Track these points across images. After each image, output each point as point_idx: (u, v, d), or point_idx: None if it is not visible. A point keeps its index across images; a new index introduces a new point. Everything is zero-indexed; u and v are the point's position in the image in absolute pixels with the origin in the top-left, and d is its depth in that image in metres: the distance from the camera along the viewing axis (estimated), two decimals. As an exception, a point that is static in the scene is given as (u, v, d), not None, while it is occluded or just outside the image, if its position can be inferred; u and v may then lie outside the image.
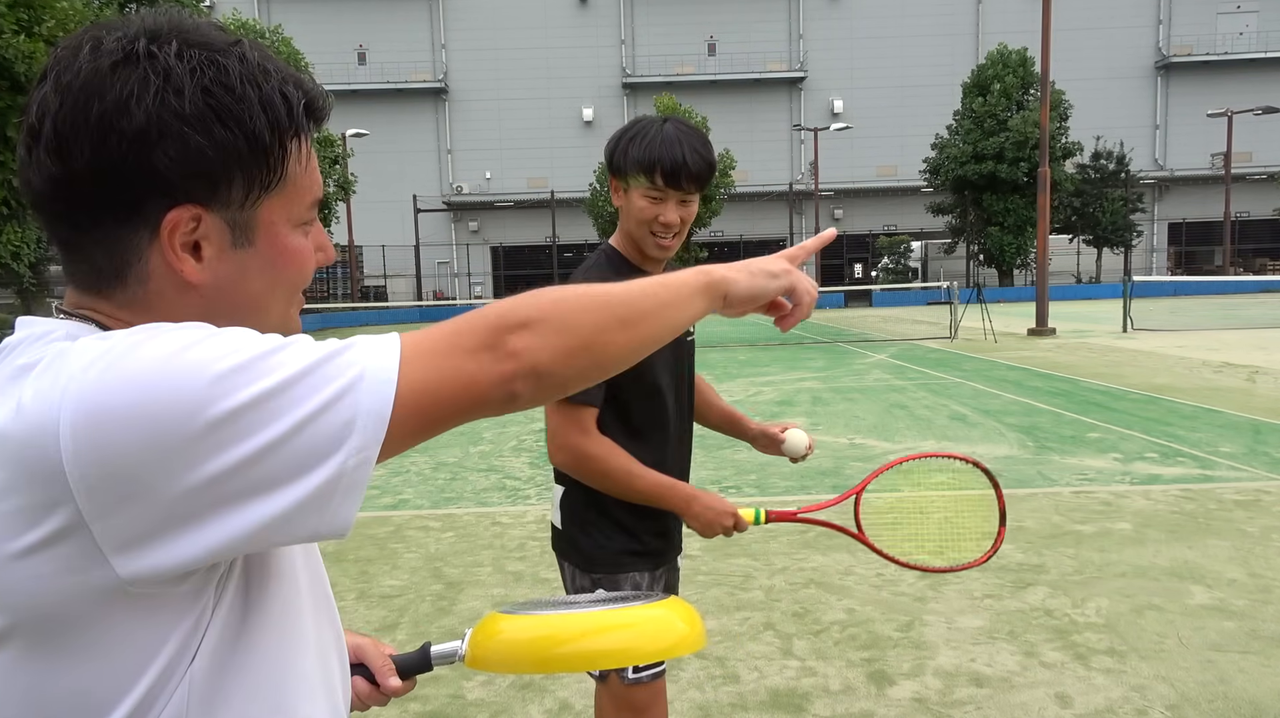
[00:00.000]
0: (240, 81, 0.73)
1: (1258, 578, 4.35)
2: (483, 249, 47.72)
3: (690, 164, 1.84)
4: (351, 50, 46.18)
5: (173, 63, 0.71)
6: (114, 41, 0.72)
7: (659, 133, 1.85)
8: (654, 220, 1.89)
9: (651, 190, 1.87)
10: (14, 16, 13.43)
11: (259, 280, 0.79)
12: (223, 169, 0.73)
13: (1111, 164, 42.10)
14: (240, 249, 0.77)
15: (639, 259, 2.00)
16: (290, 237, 0.80)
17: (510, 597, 4.37)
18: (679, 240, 1.95)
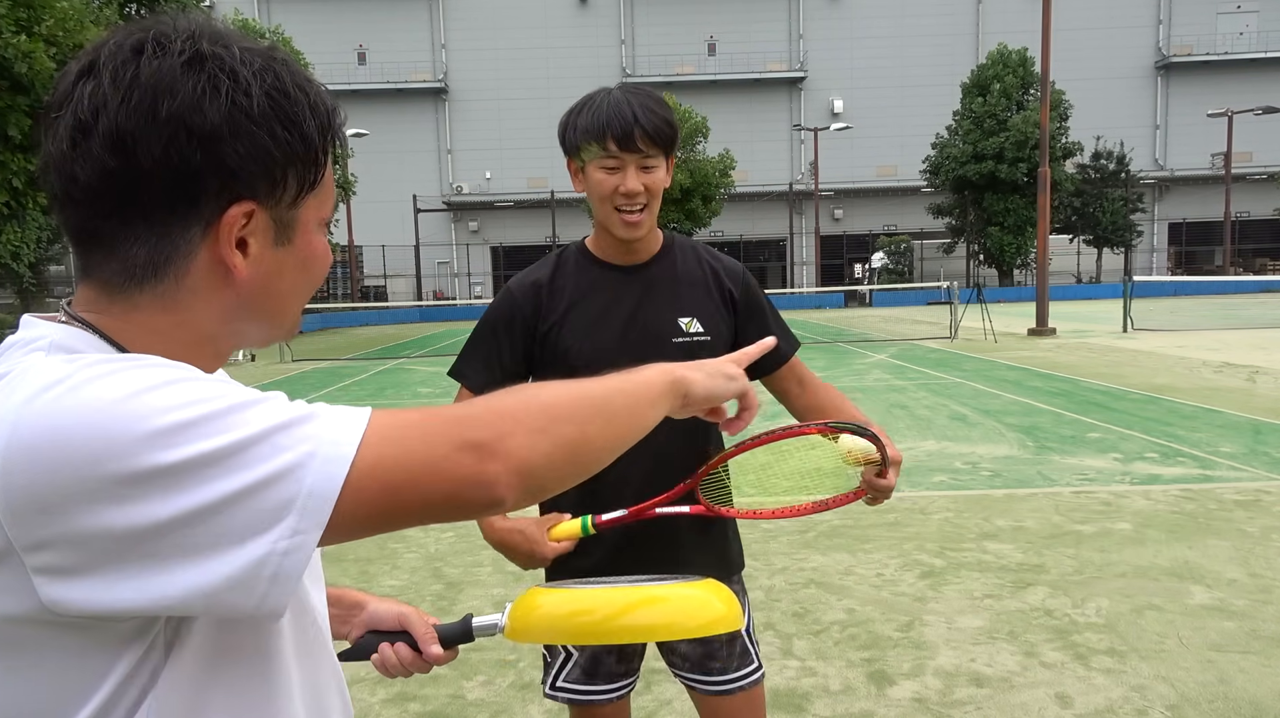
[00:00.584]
0: (293, 87, 0.77)
1: (1258, 578, 4.35)
2: (483, 249, 47.72)
3: (643, 121, 1.67)
4: (351, 50, 46.19)
5: (238, 66, 0.74)
6: (180, 42, 0.74)
7: (606, 99, 1.72)
8: (614, 192, 1.70)
9: (606, 159, 1.69)
10: (14, 16, 13.42)
11: (290, 279, 0.82)
12: (281, 169, 0.76)
13: (1111, 164, 42.12)
14: (280, 247, 0.80)
15: (611, 252, 1.83)
16: (318, 236, 0.83)
17: (510, 597, 4.37)
18: (650, 216, 1.75)
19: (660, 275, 1.83)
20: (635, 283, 1.82)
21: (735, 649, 1.88)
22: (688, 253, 1.88)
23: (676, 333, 1.79)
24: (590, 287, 1.81)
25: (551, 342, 1.80)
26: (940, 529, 5.32)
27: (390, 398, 12.18)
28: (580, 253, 1.87)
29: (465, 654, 3.73)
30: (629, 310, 1.79)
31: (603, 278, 1.82)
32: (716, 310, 1.84)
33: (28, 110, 13.92)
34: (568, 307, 1.80)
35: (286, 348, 19.64)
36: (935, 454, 7.43)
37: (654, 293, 1.81)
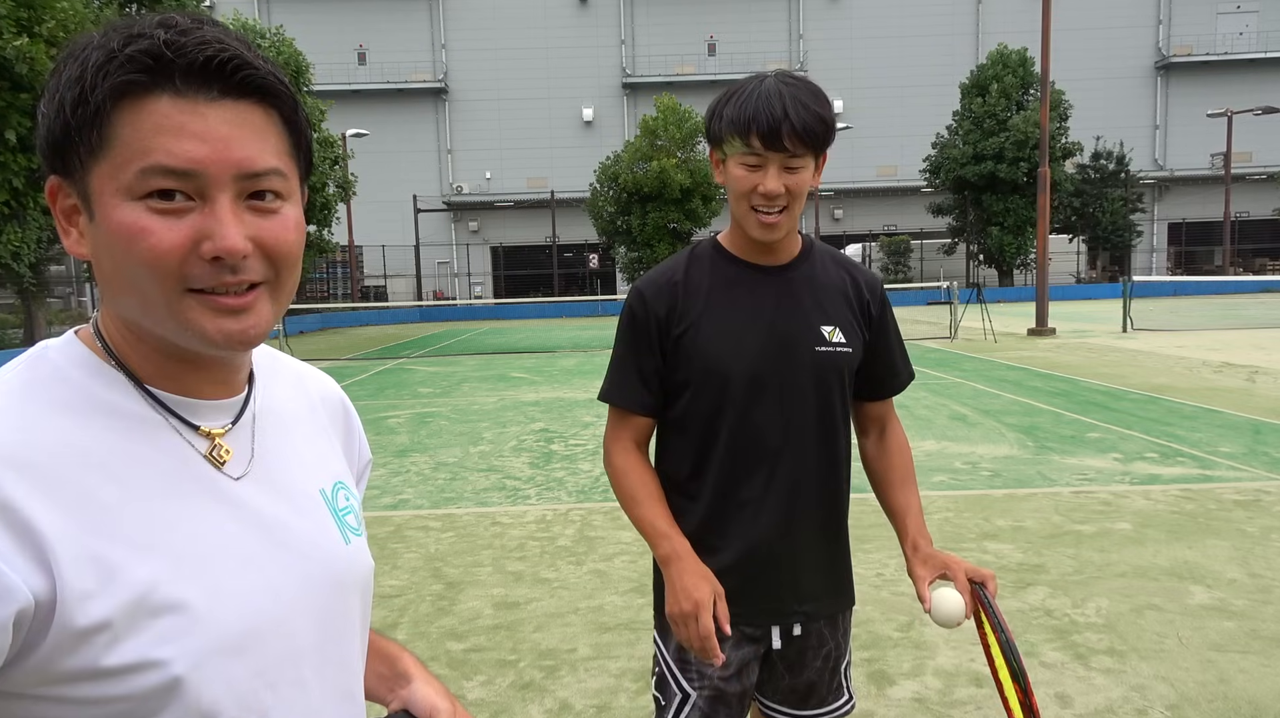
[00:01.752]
0: (84, 47, 0.72)
1: (1258, 578, 4.35)
2: (483, 249, 47.72)
3: (794, 118, 1.51)
4: (351, 50, 46.18)
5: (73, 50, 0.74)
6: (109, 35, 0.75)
7: (757, 88, 1.56)
8: (753, 192, 1.56)
9: (748, 156, 1.55)
10: (15, 17, 13.42)
11: (106, 258, 0.74)
12: (50, 137, 0.73)
13: (1111, 164, 42.12)
14: (92, 223, 0.74)
15: (748, 251, 1.69)
16: (119, 209, 0.71)
17: (510, 597, 4.37)
18: (790, 218, 1.60)
19: (801, 278, 1.70)
20: (776, 285, 1.68)
21: (833, 686, 1.82)
22: (828, 258, 1.76)
23: (820, 341, 1.67)
24: (727, 286, 1.68)
25: (686, 344, 1.66)
26: (940, 529, 5.32)
27: (390, 398, 12.19)
28: (715, 249, 1.73)
29: (465, 655, 3.73)
30: (769, 314, 1.66)
31: (740, 277, 1.69)
32: (855, 321, 1.72)
33: (28, 110, 13.91)
34: (704, 307, 1.66)
35: (287, 348, 19.63)
36: (935, 454, 7.43)
37: (796, 297, 1.68)
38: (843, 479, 1.76)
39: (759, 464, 1.66)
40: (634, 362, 1.69)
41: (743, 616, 1.66)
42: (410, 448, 8.38)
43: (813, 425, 1.68)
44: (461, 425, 9.45)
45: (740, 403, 1.64)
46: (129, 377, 0.78)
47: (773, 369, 1.65)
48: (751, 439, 1.65)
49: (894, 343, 1.80)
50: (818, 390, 1.67)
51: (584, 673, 3.52)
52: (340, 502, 0.91)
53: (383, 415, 10.36)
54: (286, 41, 26.94)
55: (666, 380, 1.70)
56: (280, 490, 0.85)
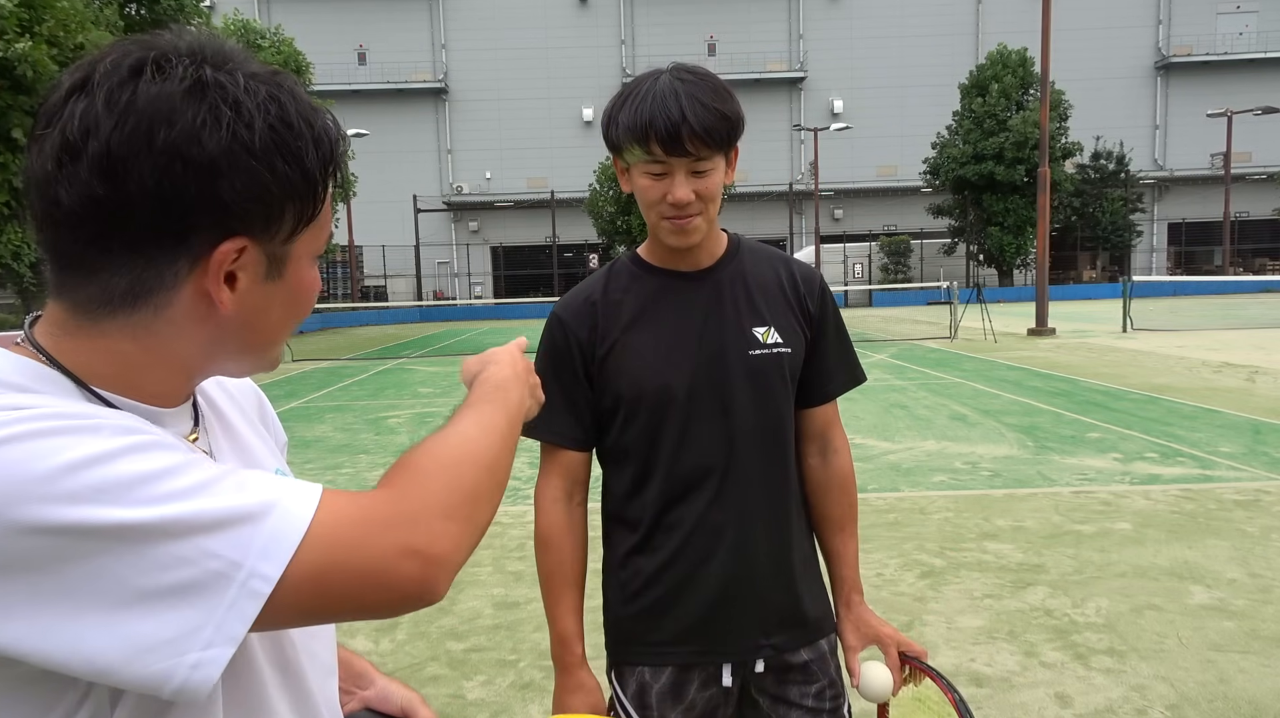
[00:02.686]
0: (298, 119, 0.74)
1: (1258, 578, 4.35)
2: (483, 249, 47.72)
3: (692, 119, 1.38)
4: (351, 50, 46.18)
5: (241, 96, 0.71)
6: (182, 67, 0.71)
7: (651, 88, 1.42)
8: (661, 201, 1.45)
9: (651, 164, 1.43)
10: (16, 18, 13.43)
11: (279, 312, 0.80)
12: (279, 204, 0.74)
13: (1111, 164, 42.13)
14: (271, 281, 0.77)
15: (668, 259, 1.58)
16: (310, 269, 0.81)
17: (510, 597, 4.37)
18: (706, 221, 1.48)
19: (728, 280, 1.57)
20: (701, 291, 1.56)
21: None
22: (758, 255, 1.63)
23: (753, 344, 1.54)
24: (650, 299, 1.56)
25: (613, 365, 1.54)
26: (940, 529, 5.32)
27: (390, 398, 12.19)
28: (633, 262, 1.61)
29: (465, 654, 3.73)
30: (698, 323, 1.54)
31: (664, 288, 1.57)
32: (795, 319, 1.59)
33: (29, 111, 13.91)
34: (628, 324, 1.55)
35: (287, 348, 19.56)
36: (935, 454, 7.43)
37: (724, 301, 1.56)
38: (795, 493, 1.62)
39: (701, 484, 1.54)
40: (558, 391, 1.54)
41: (701, 651, 1.55)
42: (410, 448, 8.38)
43: (760, 435, 1.55)
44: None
45: (675, 423, 1.52)
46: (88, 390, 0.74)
47: (706, 382, 1.53)
48: (693, 458, 1.53)
49: (832, 342, 1.65)
50: (758, 399, 1.54)
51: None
52: None
53: (383, 415, 10.36)
54: (286, 41, 26.93)
55: (596, 408, 1.58)
56: None
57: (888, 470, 6.89)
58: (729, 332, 1.54)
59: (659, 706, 1.55)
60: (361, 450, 8.33)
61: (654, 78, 1.44)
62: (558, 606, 1.57)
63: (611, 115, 1.47)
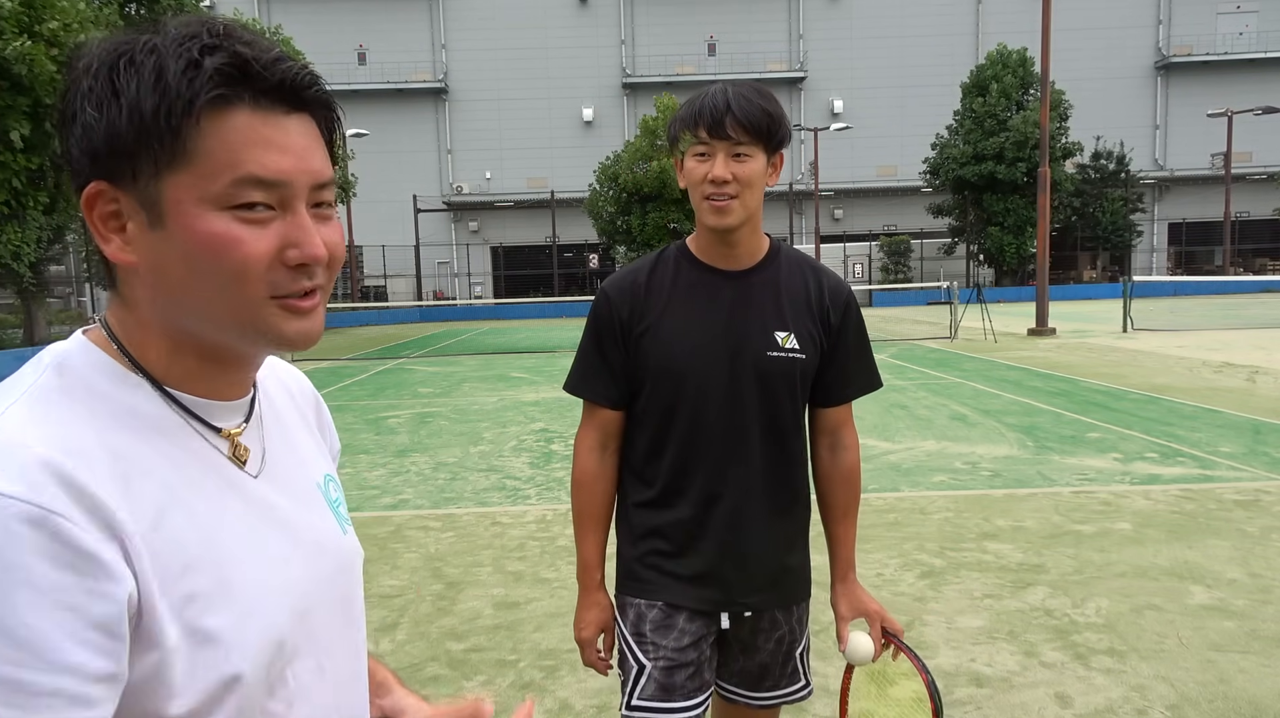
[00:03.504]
0: (148, 53, 0.71)
1: (1258, 578, 4.35)
2: (483, 249, 47.71)
3: (736, 109, 1.62)
4: (351, 50, 46.17)
5: (100, 49, 0.73)
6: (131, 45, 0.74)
7: (707, 91, 1.69)
8: (704, 180, 1.64)
9: (698, 146, 1.65)
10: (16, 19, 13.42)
11: (178, 266, 0.74)
12: (110, 145, 0.72)
13: (1111, 164, 42.11)
14: (155, 231, 0.73)
15: (712, 255, 1.75)
16: (205, 219, 0.72)
17: (510, 597, 4.37)
18: (742, 207, 1.66)
19: (760, 284, 1.75)
20: (735, 289, 1.74)
21: (787, 670, 1.90)
22: (794, 264, 1.79)
23: (772, 346, 1.72)
24: (688, 287, 1.75)
25: (645, 344, 1.74)
26: (940, 529, 5.32)
27: (390, 398, 12.19)
28: (680, 252, 1.80)
29: (465, 654, 3.74)
30: (724, 318, 1.72)
31: (701, 280, 1.75)
32: (814, 328, 1.76)
33: (28, 111, 13.91)
34: (663, 308, 1.74)
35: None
36: (935, 454, 7.43)
37: (753, 301, 1.73)
38: (796, 481, 1.81)
39: (707, 462, 1.73)
40: (599, 356, 1.78)
41: (691, 600, 1.77)
42: (410, 448, 8.38)
43: (759, 428, 1.74)
44: (461, 425, 9.44)
45: (691, 402, 1.72)
46: (149, 381, 0.78)
47: (721, 371, 1.71)
48: (701, 437, 1.73)
49: (852, 351, 1.82)
50: (763, 395, 1.72)
51: (584, 673, 3.52)
52: (332, 493, 0.94)
53: (383, 415, 10.36)
54: (286, 41, 26.93)
55: (631, 376, 1.78)
56: (288, 486, 0.87)
57: (888, 470, 6.89)
58: (752, 331, 1.72)
59: (651, 634, 1.78)
60: (361, 450, 8.33)
61: (711, 85, 1.70)
62: (584, 538, 1.84)
63: (674, 116, 1.72)
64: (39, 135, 14.20)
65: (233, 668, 0.73)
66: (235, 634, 0.74)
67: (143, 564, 0.69)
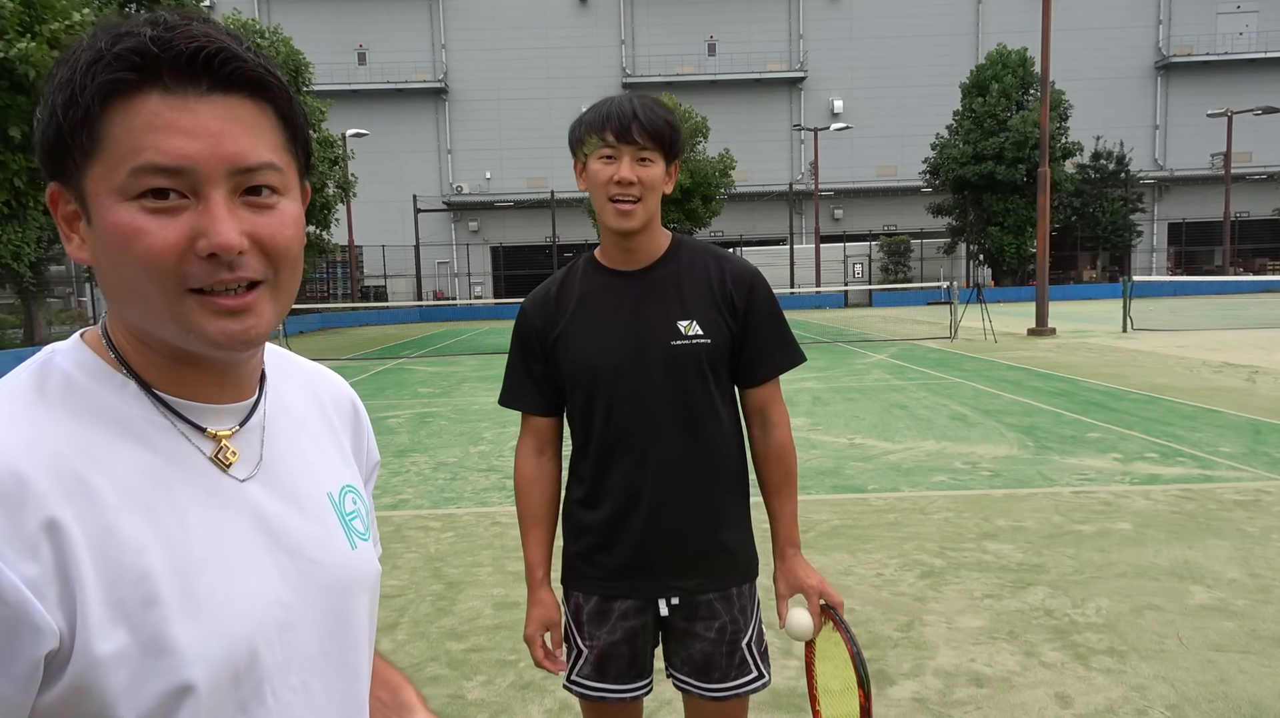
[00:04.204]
0: (75, 49, 0.71)
1: (1258, 578, 4.35)
2: (483, 249, 47.70)
3: (642, 116, 1.72)
4: (351, 50, 46.16)
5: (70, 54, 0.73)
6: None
7: (611, 99, 1.79)
8: (609, 182, 1.73)
9: (604, 148, 1.73)
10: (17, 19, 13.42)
11: (105, 261, 0.73)
12: (46, 143, 0.73)
13: (1111, 164, 42.11)
14: (91, 227, 0.73)
15: (615, 259, 1.86)
16: (115, 210, 0.70)
17: (510, 597, 4.37)
18: (644, 210, 1.75)
19: (662, 278, 1.84)
20: (637, 286, 1.84)
21: (734, 661, 1.92)
22: (696, 255, 1.87)
23: (675, 335, 1.80)
24: (594, 292, 1.85)
25: (560, 350, 1.85)
26: (940, 529, 5.32)
27: (390, 398, 12.19)
28: (589, 262, 1.91)
29: (465, 655, 3.73)
30: (628, 315, 1.82)
31: (606, 284, 1.85)
32: (718, 313, 1.83)
33: (28, 110, 13.90)
34: (572, 314, 1.85)
35: (286, 347, 19.62)
36: (935, 454, 7.43)
37: (654, 296, 1.82)
38: (719, 464, 1.87)
39: (627, 452, 1.83)
40: (524, 368, 1.91)
41: (624, 590, 1.87)
42: (410, 448, 8.38)
43: (674, 415, 1.82)
44: (461, 425, 9.44)
45: (605, 398, 1.82)
46: (137, 382, 0.77)
47: (630, 365, 1.81)
48: (618, 430, 1.82)
49: (765, 329, 1.88)
50: (673, 382, 1.81)
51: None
52: (348, 506, 0.90)
53: (383, 415, 10.36)
54: (285, 41, 26.92)
55: (556, 384, 1.90)
56: (287, 494, 0.84)
57: (888, 470, 6.89)
58: (655, 324, 1.81)
59: (588, 624, 1.90)
60: (361, 450, 8.32)
61: (613, 96, 1.81)
62: (526, 540, 1.95)
63: (577, 121, 1.80)
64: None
65: (184, 678, 0.70)
66: (193, 644, 0.71)
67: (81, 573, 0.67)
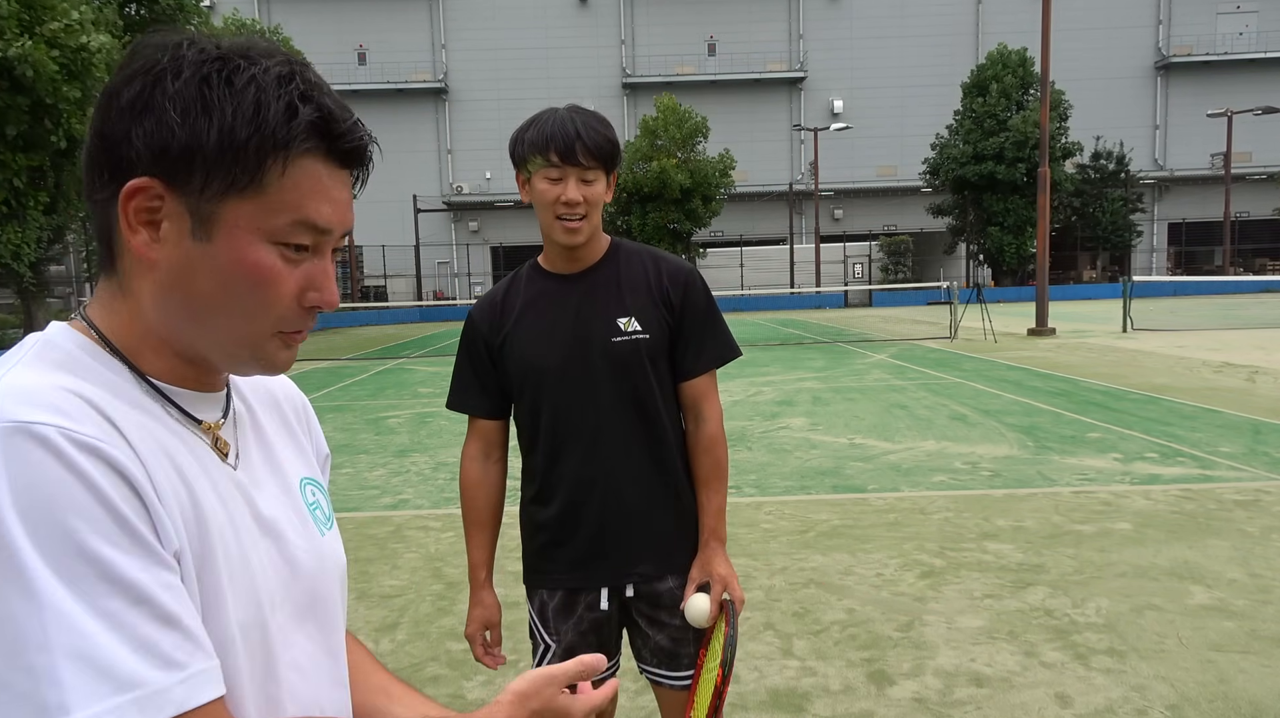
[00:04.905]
0: (248, 83, 0.74)
1: (1258, 578, 4.35)
2: (483, 249, 47.71)
3: (585, 137, 1.78)
4: (351, 50, 46.16)
5: (189, 53, 0.74)
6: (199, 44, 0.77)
7: (552, 116, 1.82)
8: (556, 201, 1.80)
9: (549, 170, 1.79)
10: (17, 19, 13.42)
11: (208, 281, 0.76)
12: (183, 152, 0.73)
13: (1111, 164, 42.11)
14: (198, 242, 0.76)
15: (556, 263, 1.93)
16: (255, 248, 0.77)
17: (510, 597, 4.37)
18: (589, 225, 1.84)
19: (602, 279, 1.91)
20: (578, 288, 1.91)
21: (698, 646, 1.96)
22: (633, 256, 1.95)
23: (615, 333, 1.88)
24: (538, 296, 1.93)
25: (505, 353, 1.92)
26: (940, 529, 5.32)
27: (390, 398, 12.19)
28: (532, 269, 1.98)
29: (465, 655, 3.73)
30: (571, 315, 1.89)
31: (549, 288, 1.93)
32: (656, 310, 1.90)
33: (28, 110, 13.91)
34: (517, 318, 1.92)
35: (286, 348, 19.62)
36: (935, 454, 7.43)
37: (595, 296, 1.90)
38: (667, 451, 1.94)
39: (575, 446, 1.91)
40: (470, 372, 1.98)
41: (581, 581, 1.94)
42: (410, 448, 8.38)
43: (619, 409, 1.89)
44: (461, 426, 9.36)
45: (552, 398, 1.89)
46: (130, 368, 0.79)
47: (575, 363, 1.88)
48: (567, 428, 1.90)
49: (698, 325, 1.95)
50: (616, 377, 1.88)
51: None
52: (309, 497, 0.94)
53: (383, 415, 10.36)
54: (285, 41, 26.92)
55: (502, 386, 1.97)
56: (263, 484, 0.87)
57: (888, 470, 6.89)
58: (596, 323, 1.88)
59: (554, 620, 1.97)
60: (361, 451, 8.33)
61: (553, 111, 1.84)
62: (470, 542, 2.06)
63: (519, 137, 1.84)
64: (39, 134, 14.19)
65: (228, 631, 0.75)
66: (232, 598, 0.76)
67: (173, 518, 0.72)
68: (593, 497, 1.90)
